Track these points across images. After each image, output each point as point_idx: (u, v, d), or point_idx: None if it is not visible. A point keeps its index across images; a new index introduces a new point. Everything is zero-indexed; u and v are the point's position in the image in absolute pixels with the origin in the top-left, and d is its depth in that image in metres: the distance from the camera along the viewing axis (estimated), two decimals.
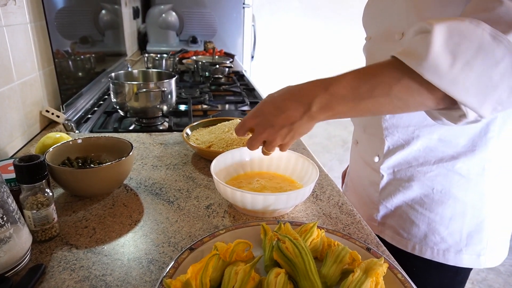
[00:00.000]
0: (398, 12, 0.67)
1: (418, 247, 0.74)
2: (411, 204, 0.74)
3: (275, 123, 0.55)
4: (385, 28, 0.72)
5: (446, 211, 0.71)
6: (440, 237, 0.72)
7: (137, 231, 0.59)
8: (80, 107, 1.19)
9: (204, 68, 1.72)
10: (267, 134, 0.56)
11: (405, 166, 0.73)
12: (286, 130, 0.55)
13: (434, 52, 0.43)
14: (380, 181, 0.77)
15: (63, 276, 0.48)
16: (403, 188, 0.74)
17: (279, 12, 3.91)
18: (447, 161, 0.69)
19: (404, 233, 0.75)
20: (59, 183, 0.64)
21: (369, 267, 0.44)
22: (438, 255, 0.72)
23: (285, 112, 0.54)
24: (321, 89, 0.51)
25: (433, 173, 0.70)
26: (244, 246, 0.48)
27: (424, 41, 0.44)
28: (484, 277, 2.02)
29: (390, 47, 0.68)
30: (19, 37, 0.88)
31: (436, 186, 0.71)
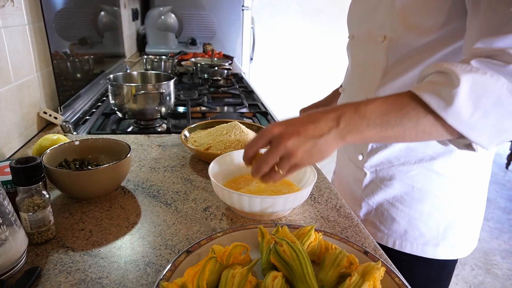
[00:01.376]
0: (382, 15, 0.70)
1: (398, 242, 0.78)
2: (392, 201, 0.78)
3: (303, 131, 0.52)
4: (368, 28, 0.75)
5: (424, 208, 0.75)
6: (419, 232, 0.77)
7: (134, 234, 0.58)
8: (78, 108, 1.18)
9: (203, 70, 1.72)
10: (291, 143, 0.52)
11: (387, 165, 0.77)
12: (311, 144, 0.52)
13: (459, 102, 0.48)
14: (364, 179, 0.81)
15: (59, 279, 0.48)
16: (385, 186, 0.78)
17: (278, 15, 3.92)
18: (427, 161, 0.73)
19: (385, 229, 0.79)
20: (56, 185, 0.64)
21: (366, 270, 0.44)
22: (417, 249, 0.77)
23: (314, 123, 0.52)
24: (351, 109, 0.53)
25: (414, 172, 0.74)
26: (241, 249, 0.48)
27: (449, 89, 0.48)
28: (481, 281, 2.02)
29: (372, 48, 0.73)
30: (17, 39, 0.88)
31: (416, 185, 0.75)
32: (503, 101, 0.47)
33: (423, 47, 0.65)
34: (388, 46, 0.69)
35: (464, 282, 2.00)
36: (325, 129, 0.52)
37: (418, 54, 0.66)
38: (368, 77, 0.76)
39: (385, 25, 0.69)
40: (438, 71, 0.51)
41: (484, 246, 2.30)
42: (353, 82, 0.83)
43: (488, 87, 0.48)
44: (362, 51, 0.78)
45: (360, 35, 0.79)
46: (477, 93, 0.48)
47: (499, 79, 0.47)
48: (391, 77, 0.71)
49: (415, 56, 0.67)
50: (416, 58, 0.67)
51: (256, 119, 1.22)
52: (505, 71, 0.48)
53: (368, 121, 0.51)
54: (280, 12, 3.91)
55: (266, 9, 3.82)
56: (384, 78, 0.72)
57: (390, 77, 0.71)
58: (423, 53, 0.66)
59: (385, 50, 0.70)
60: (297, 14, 3.92)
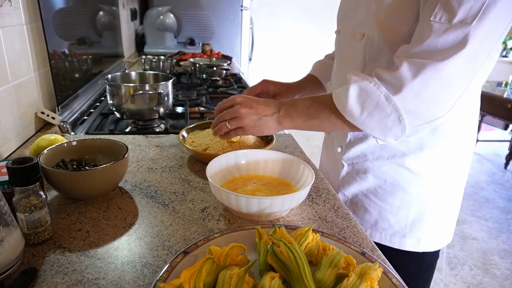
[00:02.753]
0: (362, 13, 0.75)
1: (369, 231, 0.83)
2: (366, 193, 0.83)
3: (255, 108, 0.72)
4: (351, 25, 0.79)
5: (395, 201, 0.80)
6: (388, 223, 0.81)
7: (131, 234, 0.58)
8: (76, 108, 1.18)
9: (201, 70, 1.72)
10: (243, 111, 0.71)
11: (363, 159, 0.82)
12: (257, 118, 0.72)
13: (349, 104, 0.64)
14: (341, 170, 0.86)
15: (56, 280, 0.48)
16: (360, 179, 0.83)
17: (277, 15, 3.92)
18: (399, 157, 0.78)
19: (357, 219, 0.84)
20: (53, 185, 0.64)
21: (363, 271, 0.44)
22: (385, 239, 0.82)
23: (265, 106, 0.72)
24: (290, 102, 0.73)
25: (386, 167, 0.79)
26: (238, 250, 0.48)
27: (345, 93, 0.65)
28: (480, 281, 2.02)
29: (353, 44, 0.78)
30: (14, 38, 0.88)
31: (388, 179, 0.80)
32: (381, 105, 0.62)
33: (396, 46, 0.68)
34: (365, 43, 0.74)
35: (462, 282, 2.00)
36: (270, 112, 0.72)
37: (391, 52, 0.69)
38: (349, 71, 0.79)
39: (363, 23, 0.74)
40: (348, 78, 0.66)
41: (482, 246, 2.30)
42: (337, 76, 0.87)
43: (370, 93, 0.62)
44: (344, 46, 0.82)
45: (344, 30, 0.83)
46: (362, 97, 0.63)
47: (379, 87, 0.62)
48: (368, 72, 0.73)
49: (389, 54, 0.70)
50: (390, 56, 0.70)
51: None
52: (388, 78, 0.61)
53: (298, 112, 0.70)
54: (279, 12, 3.91)
55: (265, 9, 3.82)
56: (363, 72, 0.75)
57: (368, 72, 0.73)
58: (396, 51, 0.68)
59: (363, 47, 0.75)
60: (295, 14, 3.92)
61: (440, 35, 0.58)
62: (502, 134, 4.16)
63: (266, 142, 0.90)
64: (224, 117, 0.74)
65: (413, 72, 0.59)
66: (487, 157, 3.65)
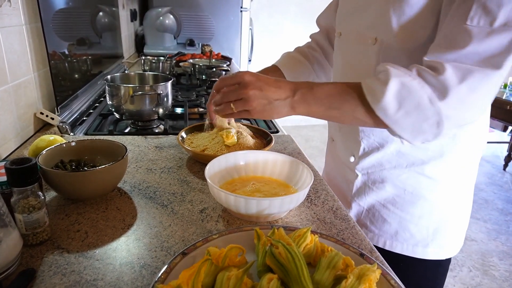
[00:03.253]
0: (373, 15, 0.70)
1: (389, 242, 0.80)
2: (384, 203, 0.79)
3: (265, 90, 0.63)
4: (356, 28, 0.75)
5: (416, 210, 0.77)
6: (409, 233, 0.78)
7: (130, 235, 0.58)
8: (75, 109, 1.18)
9: (201, 71, 1.72)
10: (251, 93, 0.62)
11: (379, 168, 0.78)
12: (266, 102, 0.63)
13: (387, 99, 0.57)
14: (355, 180, 0.82)
15: (54, 281, 0.48)
16: (377, 188, 0.80)
17: (276, 16, 3.92)
18: (418, 165, 0.75)
19: (375, 230, 0.81)
20: (52, 186, 0.64)
21: (362, 273, 0.44)
22: (407, 250, 0.79)
23: (276, 88, 0.63)
24: (308, 86, 0.64)
25: (405, 176, 0.76)
26: (237, 251, 0.48)
27: (382, 87, 0.58)
28: (479, 282, 2.02)
29: (362, 49, 0.73)
30: (14, 39, 0.88)
31: (407, 188, 0.77)
32: (422, 106, 0.56)
33: (414, 52, 0.65)
34: (379, 48, 0.70)
35: (461, 283, 2.00)
36: (282, 95, 0.63)
37: (409, 57, 0.66)
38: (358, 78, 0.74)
39: (375, 26, 0.70)
40: (383, 70, 0.60)
41: (481, 248, 2.30)
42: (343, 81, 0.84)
43: (412, 92, 0.56)
44: (351, 50, 0.78)
45: (347, 33, 0.79)
46: (402, 95, 0.57)
47: (424, 86, 0.56)
48: None
49: (405, 60, 0.67)
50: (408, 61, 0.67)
51: (253, 121, 1.22)
52: (433, 80, 0.56)
53: (316, 99, 0.62)
54: (279, 13, 3.91)
55: (264, 10, 3.82)
56: None
57: None
58: (414, 56, 0.66)
59: (376, 53, 0.70)
60: (295, 16, 3.92)
61: (482, 40, 0.54)
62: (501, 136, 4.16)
63: (265, 143, 0.90)
64: (229, 97, 0.65)
65: (459, 78, 0.55)
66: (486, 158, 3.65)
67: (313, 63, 0.98)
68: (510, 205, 2.82)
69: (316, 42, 1.01)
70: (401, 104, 0.57)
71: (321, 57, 0.99)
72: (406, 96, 0.56)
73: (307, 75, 0.97)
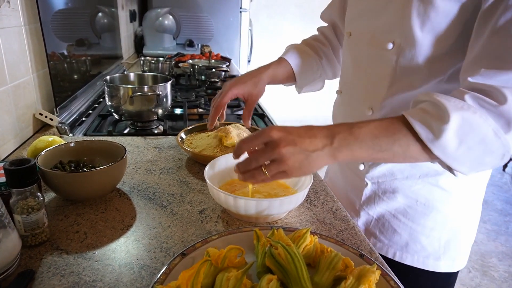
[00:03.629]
0: (390, 17, 0.65)
1: (399, 253, 0.77)
2: (394, 213, 0.76)
3: (299, 143, 0.53)
4: (371, 29, 0.70)
5: (427, 222, 0.74)
6: (421, 245, 0.75)
7: (129, 236, 0.58)
8: (74, 110, 1.18)
9: (200, 71, 1.72)
10: (285, 151, 0.52)
11: (390, 177, 0.75)
12: (304, 156, 0.53)
13: (446, 136, 0.50)
14: (364, 189, 0.79)
15: (53, 282, 0.48)
16: (387, 198, 0.76)
17: (276, 17, 3.93)
18: (432, 176, 0.72)
19: (385, 240, 0.78)
20: (51, 187, 0.63)
21: (361, 274, 0.44)
22: (418, 262, 0.76)
23: (311, 138, 0.54)
24: (346, 129, 0.55)
25: (418, 187, 0.73)
26: (236, 252, 0.48)
27: (439, 124, 0.51)
28: (478, 283, 2.02)
29: (378, 53, 0.68)
30: (13, 40, 0.88)
31: (419, 199, 0.74)
32: (487, 141, 0.50)
33: (433, 61, 0.62)
34: (398, 54, 0.65)
35: (461, 284, 2.00)
36: (319, 145, 0.54)
37: (427, 68, 0.63)
38: (373, 85, 0.72)
39: (392, 30, 0.65)
40: (432, 102, 0.53)
41: (481, 249, 2.30)
42: (355, 87, 0.79)
43: (475, 126, 0.50)
44: (363, 53, 0.74)
45: (358, 34, 0.74)
46: (464, 131, 0.50)
47: (487, 119, 0.50)
48: (399, 88, 0.68)
49: (424, 70, 0.63)
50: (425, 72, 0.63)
51: (253, 121, 1.22)
52: (495, 111, 0.50)
53: (360, 143, 0.53)
54: (278, 14, 3.92)
55: (264, 11, 3.83)
56: (392, 89, 0.69)
57: (398, 88, 0.68)
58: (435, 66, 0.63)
59: (393, 59, 0.66)
60: (295, 16, 3.93)
61: None
62: None
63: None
64: (258, 161, 0.54)
65: None
66: None
67: (321, 57, 0.93)
68: (509, 206, 2.82)
69: (324, 36, 0.96)
70: (462, 140, 0.51)
71: (329, 51, 0.94)
72: (469, 132, 0.50)
73: (315, 70, 0.92)
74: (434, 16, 0.59)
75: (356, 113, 0.77)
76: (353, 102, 0.80)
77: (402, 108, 0.67)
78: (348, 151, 0.54)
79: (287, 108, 4.15)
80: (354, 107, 0.79)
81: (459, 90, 0.53)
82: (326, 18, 0.96)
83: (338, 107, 0.87)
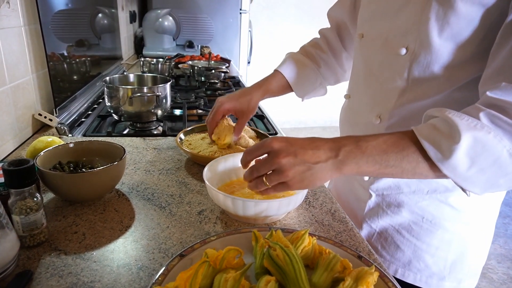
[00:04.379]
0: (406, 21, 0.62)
1: (401, 271, 0.74)
2: (398, 229, 0.73)
3: (300, 155, 0.51)
4: (383, 32, 0.67)
5: (433, 241, 0.71)
6: (424, 264, 0.72)
7: (127, 237, 0.58)
8: (74, 110, 1.18)
9: (200, 73, 1.72)
10: (285, 161, 0.51)
11: (396, 191, 0.72)
12: (305, 168, 0.52)
13: (457, 157, 0.48)
14: (368, 200, 0.76)
15: (51, 283, 0.48)
16: (392, 212, 0.73)
17: (276, 18, 3.93)
18: (441, 192, 0.68)
19: (387, 255, 0.75)
20: (50, 187, 0.63)
21: (360, 275, 0.44)
22: (420, 281, 0.73)
23: (314, 150, 0.52)
24: (352, 142, 0.53)
25: (425, 203, 0.70)
26: (234, 253, 0.48)
27: (449, 144, 0.48)
28: (476, 285, 2.02)
29: (390, 58, 0.65)
30: (12, 40, 0.88)
31: (426, 216, 0.71)
32: (501, 162, 0.47)
33: (453, 68, 0.59)
34: (411, 60, 0.62)
35: None
36: (323, 157, 0.52)
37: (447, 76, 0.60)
38: (383, 92, 0.69)
39: (407, 34, 0.61)
40: (443, 119, 0.50)
41: None
42: (363, 93, 0.75)
43: (488, 147, 0.47)
44: (375, 57, 0.70)
45: (371, 37, 0.71)
46: (476, 151, 0.47)
47: (502, 140, 0.47)
48: (410, 97, 0.64)
49: (441, 79, 0.60)
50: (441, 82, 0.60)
51: (252, 123, 1.22)
52: (507, 128, 0.47)
53: (368, 157, 0.51)
54: (278, 15, 3.92)
55: (263, 12, 3.83)
56: (403, 97, 0.65)
57: (410, 97, 0.64)
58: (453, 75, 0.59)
59: (407, 65, 0.62)
60: (294, 18, 3.93)
61: None
62: None
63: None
64: (259, 171, 0.55)
65: None
66: None
67: (320, 66, 0.90)
68: (508, 208, 2.82)
69: (326, 40, 0.92)
70: (474, 161, 0.48)
71: (330, 58, 0.91)
72: (481, 153, 0.47)
73: (314, 80, 0.90)
74: (454, 21, 0.55)
75: (363, 120, 0.74)
76: (360, 109, 0.76)
77: (412, 119, 0.65)
78: (354, 164, 0.52)
79: (287, 110, 4.15)
80: (362, 114, 0.75)
81: (475, 106, 0.50)
82: (333, 16, 0.91)
83: (345, 113, 0.84)
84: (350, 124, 0.81)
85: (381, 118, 0.69)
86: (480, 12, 0.54)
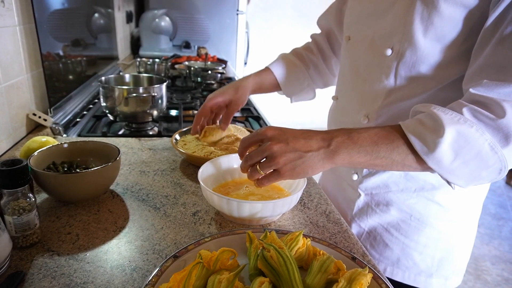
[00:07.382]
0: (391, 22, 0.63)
1: (389, 269, 0.75)
2: (387, 227, 0.74)
3: (292, 142, 0.54)
4: (369, 34, 0.69)
5: (421, 238, 0.72)
6: (413, 262, 0.74)
7: (121, 238, 0.58)
8: (69, 110, 1.17)
9: (196, 73, 1.72)
10: (276, 148, 0.53)
11: (384, 190, 0.73)
12: (296, 156, 0.53)
13: (441, 150, 0.50)
14: (357, 200, 0.77)
15: (43, 284, 0.47)
16: (380, 211, 0.74)
17: (273, 20, 3.94)
18: (428, 190, 0.70)
19: (376, 254, 0.76)
20: (43, 188, 0.63)
21: (353, 277, 0.44)
22: (409, 278, 0.74)
23: (306, 139, 0.55)
24: (344, 134, 0.55)
25: (413, 201, 0.71)
26: (228, 254, 0.48)
27: (434, 137, 0.50)
28: (471, 286, 2.03)
29: (376, 60, 0.67)
30: (7, 39, 0.87)
31: (414, 214, 0.72)
32: (483, 155, 0.49)
33: (438, 67, 0.60)
34: (396, 61, 0.63)
35: None
36: (314, 146, 0.54)
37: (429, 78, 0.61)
38: (370, 92, 0.70)
39: (393, 35, 0.63)
40: (429, 114, 0.53)
41: (474, 252, 2.31)
42: (351, 94, 0.77)
43: (471, 141, 0.49)
44: (361, 59, 0.71)
45: (357, 39, 0.72)
46: (459, 144, 0.50)
47: (484, 134, 0.49)
48: (397, 97, 0.66)
49: (427, 79, 0.61)
50: (432, 79, 0.61)
51: (248, 123, 1.22)
52: (493, 125, 0.49)
53: (359, 148, 0.54)
54: (275, 17, 3.93)
55: (260, 13, 3.83)
56: (390, 97, 0.67)
57: (397, 97, 0.66)
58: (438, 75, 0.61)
59: (393, 66, 0.64)
60: (291, 19, 3.94)
61: None
62: None
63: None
64: (252, 159, 0.57)
65: None
66: None
67: (309, 67, 0.93)
68: (502, 210, 2.84)
69: (316, 44, 0.95)
70: (457, 154, 0.50)
71: (319, 61, 0.93)
72: (464, 146, 0.49)
73: (302, 80, 0.92)
74: (438, 22, 0.57)
75: (351, 120, 0.75)
76: (348, 109, 0.78)
77: (399, 118, 0.66)
78: (346, 154, 0.54)
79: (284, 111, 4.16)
80: (349, 114, 0.77)
81: (459, 102, 0.52)
82: (321, 24, 0.95)
83: (333, 114, 0.86)
84: (337, 124, 0.82)
85: (368, 117, 0.71)
86: (463, 13, 0.56)
